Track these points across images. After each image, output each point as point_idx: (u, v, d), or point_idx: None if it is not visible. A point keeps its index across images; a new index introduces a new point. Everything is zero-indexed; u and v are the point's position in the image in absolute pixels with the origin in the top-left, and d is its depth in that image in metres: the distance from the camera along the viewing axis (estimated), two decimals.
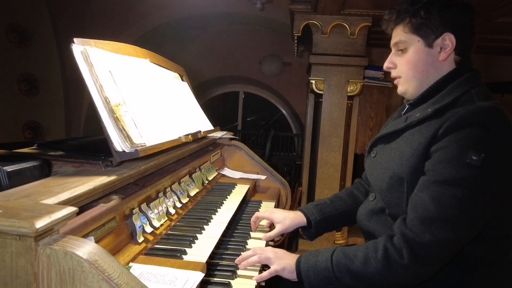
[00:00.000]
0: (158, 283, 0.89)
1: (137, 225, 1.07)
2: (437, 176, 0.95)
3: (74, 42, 1.06)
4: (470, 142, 0.93)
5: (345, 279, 1.00)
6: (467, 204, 0.91)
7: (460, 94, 1.03)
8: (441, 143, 0.97)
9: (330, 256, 1.04)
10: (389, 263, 0.94)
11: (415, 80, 1.13)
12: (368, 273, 0.97)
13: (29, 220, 0.60)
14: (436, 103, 1.06)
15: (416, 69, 1.11)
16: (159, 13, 5.09)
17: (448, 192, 0.92)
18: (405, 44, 1.12)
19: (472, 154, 0.91)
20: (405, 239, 0.94)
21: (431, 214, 0.93)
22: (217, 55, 6.43)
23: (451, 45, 1.07)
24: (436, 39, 1.07)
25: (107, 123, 1.02)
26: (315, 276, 1.04)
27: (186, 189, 1.48)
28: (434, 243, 0.91)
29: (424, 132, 1.03)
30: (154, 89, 1.43)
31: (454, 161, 0.93)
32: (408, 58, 1.12)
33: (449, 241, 0.92)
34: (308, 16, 2.71)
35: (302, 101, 5.33)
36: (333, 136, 2.85)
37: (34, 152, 1.11)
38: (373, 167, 1.22)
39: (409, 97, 1.18)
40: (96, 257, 0.62)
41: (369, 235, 1.22)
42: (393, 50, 1.18)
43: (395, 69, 1.17)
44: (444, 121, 0.98)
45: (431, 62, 1.10)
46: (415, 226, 0.94)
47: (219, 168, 2.04)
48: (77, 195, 0.82)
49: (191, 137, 1.48)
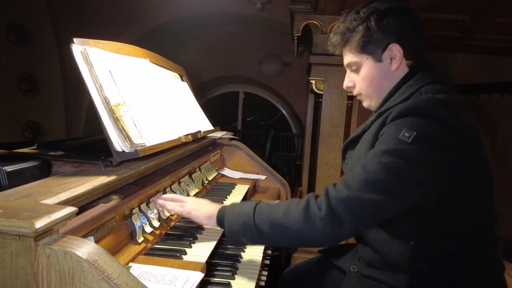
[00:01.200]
0: (158, 283, 0.89)
1: (136, 225, 1.07)
2: (371, 152, 0.98)
3: (74, 42, 1.06)
4: (404, 123, 0.94)
5: (264, 227, 1.00)
6: (390, 171, 0.92)
7: (409, 94, 1.05)
8: (381, 134, 1.00)
9: (254, 204, 1.06)
10: (307, 214, 0.96)
11: (374, 94, 1.16)
12: (286, 222, 0.98)
13: (29, 220, 0.60)
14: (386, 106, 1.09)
15: (373, 84, 1.14)
16: (159, 13, 5.09)
17: (375, 160, 0.94)
18: (356, 64, 1.15)
19: (405, 131, 0.93)
20: (326, 194, 0.97)
21: (356, 176, 0.94)
22: (217, 55, 6.43)
23: (399, 54, 1.09)
24: (384, 52, 1.09)
25: (106, 123, 1.02)
26: (236, 222, 1.05)
27: (186, 189, 1.48)
28: (350, 200, 0.92)
29: (371, 131, 1.07)
30: (154, 89, 1.43)
31: (388, 138, 0.96)
32: (364, 76, 1.15)
33: (365, 201, 0.92)
34: (308, 16, 2.71)
35: (302, 101, 5.33)
36: (333, 136, 2.85)
37: (34, 152, 1.11)
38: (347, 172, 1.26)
39: (374, 110, 1.21)
40: (95, 257, 0.62)
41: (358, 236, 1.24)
42: (347, 70, 1.21)
43: (354, 88, 1.20)
44: (386, 116, 1.01)
45: (385, 75, 1.12)
46: (339, 186, 0.97)
47: (219, 168, 2.04)
48: (77, 195, 0.82)
49: (191, 137, 1.48)
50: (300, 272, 1.48)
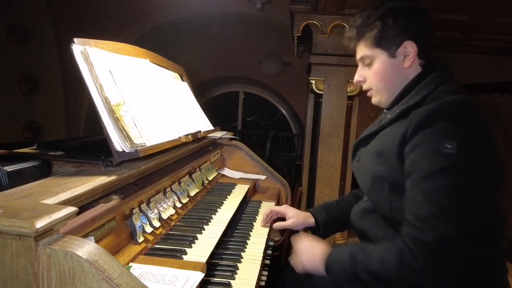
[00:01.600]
0: (158, 283, 0.89)
1: (137, 225, 1.07)
2: (419, 173, 0.96)
3: (74, 42, 1.06)
4: (441, 133, 0.94)
5: (365, 278, 1.01)
6: (455, 192, 0.91)
7: (426, 94, 1.06)
8: (413, 142, 0.98)
9: (349, 252, 1.06)
10: (404, 267, 0.94)
11: (385, 90, 1.17)
12: (385, 274, 0.97)
13: (29, 220, 0.60)
14: (404, 104, 1.10)
15: (384, 80, 1.16)
16: (159, 13, 5.09)
17: (434, 185, 0.92)
18: (369, 58, 1.16)
19: (446, 143, 0.92)
20: (413, 240, 0.94)
21: (426, 210, 0.93)
22: (217, 55, 6.43)
23: (413, 51, 1.11)
24: (398, 48, 1.11)
25: (107, 123, 1.02)
26: (338, 272, 1.07)
27: (186, 189, 1.48)
28: (441, 239, 0.90)
29: (394, 132, 1.06)
30: (154, 89, 1.43)
31: (430, 154, 0.94)
32: (375, 70, 1.16)
33: (451, 234, 0.90)
34: (308, 16, 2.71)
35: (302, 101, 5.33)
36: (333, 136, 2.85)
37: (34, 152, 1.11)
38: (358, 171, 1.26)
39: (383, 106, 1.22)
40: (96, 257, 0.62)
41: (362, 233, 1.25)
42: (359, 64, 1.23)
43: (365, 82, 1.22)
44: (411, 119, 1.00)
45: (397, 71, 1.14)
46: (416, 226, 0.94)
47: (219, 168, 2.04)
48: (77, 195, 0.82)
49: (191, 137, 1.48)
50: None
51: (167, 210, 1.28)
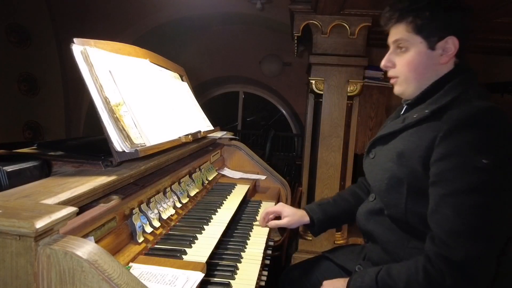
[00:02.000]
0: (158, 283, 0.89)
1: (137, 225, 1.07)
2: (450, 186, 0.93)
3: (74, 42, 1.06)
4: (475, 145, 0.91)
5: None
6: (489, 210, 0.90)
7: (457, 95, 1.02)
8: (443, 149, 0.95)
9: (375, 276, 1.04)
10: (432, 286, 0.93)
11: (414, 81, 1.11)
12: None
13: (29, 220, 0.60)
14: (433, 103, 1.05)
15: (416, 71, 1.10)
16: (159, 13, 5.09)
17: (467, 202, 0.90)
18: (406, 44, 1.09)
19: (480, 157, 0.89)
20: (441, 259, 0.92)
21: (457, 228, 0.91)
22: (217, 55, 6.43)
23: (454, 48, 1.05)
24: (439, 41, 1.06)
25: (107, 123, 1.02)
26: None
27: (186, 189, 1.48)
28: (470, 258, 0.89)
29: (422, 135, 1.02)
30: (154, 89, 1.43)
31: (463, 167, 0.92)
32: (409, 59, 1.10)
33: (484, 252, 0.90)
34: (308, 16, 2.71)
35: (302, 101, 5.33)
36: (333, 136, 2.85)
37: (34, 152, 1.11)
38: (371, 168, 1.22)
39: (406, 98, 1.17)
40: (96, 257, 0.62)
41: (368, 235, 1.23)
42: (391, 47, 1.15)
43: (393, 68, 1.15)
44: (442, 124, 0.97)
45: (432, 65, 1.08)
46: (445, 243, 0.92)
47: (219, 168, 2.04)
48: (77, 195, 0.82)
49: (191, 137, 1.48)
50: (300, 272, 1.48)
51: (167, 210, 1.28)
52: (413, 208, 1.04)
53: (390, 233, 1.12)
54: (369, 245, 1.24)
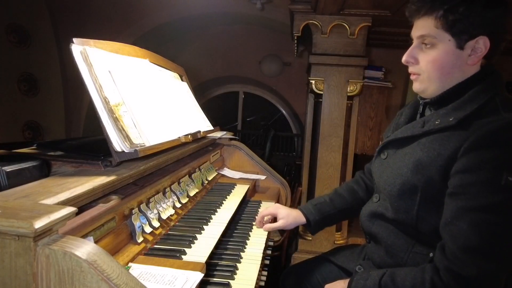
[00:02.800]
0: (158, 283, 0.89)
1: (136, 225, 1.07)
2: (472, 201, 0.90)
3: (73, 42, 1.06)
4: (503, 162, 0.88)
5: None
6: (507, 230, 0.88)
7: (483, 103, 0.97)
8: (468, 161, 0.91)
9: (378, 281, 1.02)
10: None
11: (438, 81, 1.04)
12: None
13: (28, 221, 0.60)
14: (457, 110, 0.99)
15: (442, 70, 1.02)
16: (159, 13, 5.09)
17: (487, 220, 0.88)
18: (433, 40, 1.01)
19: (507, 175, 0.86)
20: (451, 274, 0.90)
21: (473, 244, 0.88)
22: (217, 55, 6.43)
23: (484, 49, 0.99)
24: (469, 40, 0.98)
25: (106, 123, 1.02)
26: None
27: (185, 189, 1.48)
28: (481, 276, 0.88)
29: (445, 143, 0.97)
30: (154, 89, 1.43)
31: (488, 184, 0.88)
32: (435, 57, 1.02)
33: (495, 271, 0.88)
34: (308, 16, 2.71)
35: (302, 101, 5.33)
36: (333, 136, 2.85)
37: (33, 152, 1.11)
38: (382, 169, 1.17)
39: (426, 96, 1.10)
40: (95, 257, 0.62)
41: (371, 237, 1.22)
42: (415, 41, 1.07)
43: (416, 64, 1.07)
44: (469, 134, 0.92)
45: (459, 65, 1.01)
46: (458, 258, 0.90)
47: (218, 168, 2.04)
48: (76, 195, 0.82)
49: (190, 137, 1.48)
50: (299, 272, 1.48)
51: (167, 210, 1.28)
52: (424, 216, 1.02)
53: (394, 237, 1.11)
54: (371, 246, 1.23)
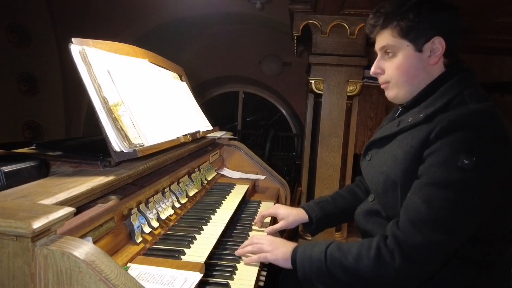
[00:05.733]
0: (156, 284, 0.89)
1: (135, 225, 1.07)
2: (428, 179, 0.95)
3: (72, 42, 1.06)
4: (462, 145, 0.92)
5: (336, 273, 1.01)
6: (458, 207, 0.91)
7: (452, 97, 1.02)
8: (433, 147, 0.96)
9: (325, 248, 1.05)
10: (380, 263, 0.95)
11: (406, 85, 1.11)
12: (359, 269, 0.98)
13: (26, 221, 0.60)
14: (428, 107, 1.05)
15: (407, 74, 1.10)
16: (159, 13, 5.09)
17: (439, 195, 0.92)
18: (393, 49, 1.10)
19: (464, 157, 0.90)
20: (396, 240, 0.95)
21: (422, 216, 0.93)
22: (217, 55, 6.43)
23: (441, 48, 1.06)
24: (426, 42, 1.06)
25: (105, 123, 1.02)
26: (309, 266, 1.06)
27: (185, 189, 1.48)
28: (425, 245, 0.91)
29: (415, 136, 1.02)
30: (153, 89, 1.43)
31: (446, 164, 0.93)
32: (398, 63, 1.10)
33: (440, 243, 0.91)
34: (308, 16, 2.71)
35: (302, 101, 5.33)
36: (333, 136, 2.85)
37: (32, 152, 1.10)
38: (368, 170, 1.23)
39: (399, 102, 1.18)
40: (93, 258, 0.62)
41: (367, 235, 1.23)
42: (379, 54, 1.16)
43: (383, 74, 1.16)
44: (436, 124, 0.97)
45: (422, 67, 1.08)
46: (406, 228, 0.94)
47: (218, 168, 2.03)
48: (74, 195, 0.82)
49: (190, 137, 1.48)
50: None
51: (166, 210, 1.28)
52: None
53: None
54: None
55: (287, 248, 1.14)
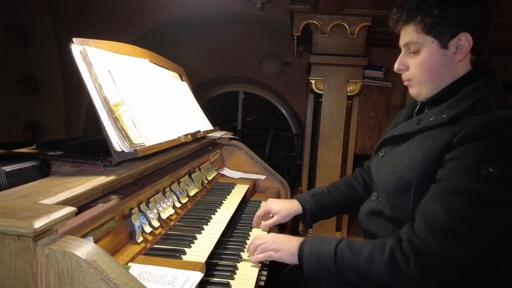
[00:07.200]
0: (157, 283, 0.89)
1: (136, 225, 1.07)
2: (451, 186, 0.92)
3: (73, 42, 1.06)
4: (488, 154, 0.89)
5: (345, 272, 0.99)
6: (480, 219, 0.89)
7: (477, 100, 0.98)
8: (455, 152, 0.93)
9: (335, 245, 1.03)
10: (394, 267, 0.93)
11: (429, 83, 1.07)
12: (370, 272, 0.96)
13: (28, 220, 0.60)
14: (451, 108, 1.01)
15: (430, 72, 1.05)
16: (159, 13, 5.09)
17: (462, 204, 0.89)
18: (417, 46, 1.05)
19: (489, 166, 0.87)
20: (413, 246, 0.92)
21: (443, 224, 0.90)
22: (217, 55, 6.42)
23: (468, 45, 1.00)
24: (451, 39, 1.01)
25: (106, 123, 1.02)
26: (316, 262, 1.04)
27: (185, 189, 1.48)
28: (443, 255, 0.89)
29: (437, 139, 0.99)
30: (153, 89, 1.43)
31: (470, 172, 0.89)
32: (422, 60, 1.06)
33: (458, 254, 0.90)
34: (308, 16, 2.71)
35: (302, 101, 5.33)
36: (333, 136, 2.85)
37: (33, 152, 1.10)
38: (380, 167, 1.19)
39: (422, 100, 1.13)
40: (94, 257, 0.62)
41: (370, 235, 1.22)
42: (403, 50, 1.12)
43: (406, 71, 1.11)
44: (460, 129, 0.94)
45: (446, 64, 1.04)
46: (424, 234, 0.92)
47: (218, 168, 2.04)
48: (75, 195, 0.82)
49: (190, 137, 1.48)
50: (300, 272, 1.47)
51: (166, 210, 1.28)
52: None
53: (392, 234, 1.10)
54: None
55: (291, 244, 1.13)
